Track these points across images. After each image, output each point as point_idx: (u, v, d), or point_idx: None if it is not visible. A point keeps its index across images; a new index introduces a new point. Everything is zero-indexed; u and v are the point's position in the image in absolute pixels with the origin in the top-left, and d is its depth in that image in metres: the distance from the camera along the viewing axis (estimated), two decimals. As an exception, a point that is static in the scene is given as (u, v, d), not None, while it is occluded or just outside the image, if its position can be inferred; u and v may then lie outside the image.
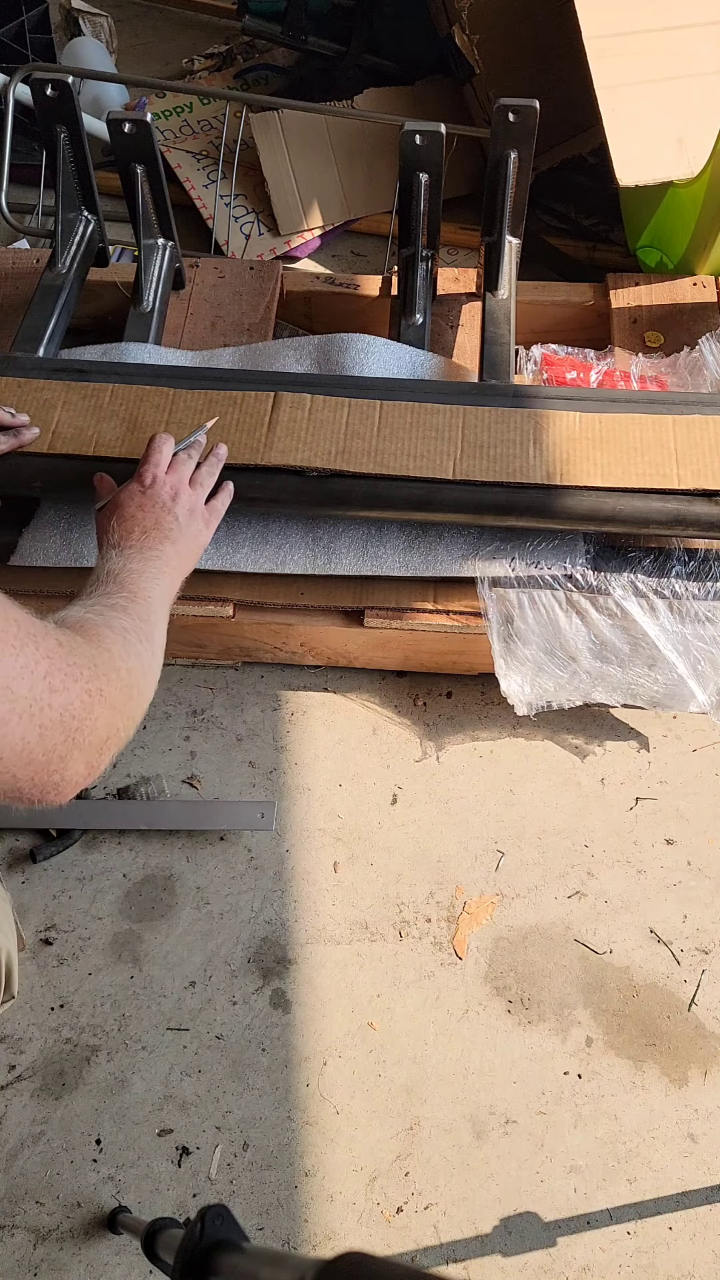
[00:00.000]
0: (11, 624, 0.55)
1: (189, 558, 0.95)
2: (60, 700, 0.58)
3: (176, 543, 0.94)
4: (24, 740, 0.56)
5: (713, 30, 1.39)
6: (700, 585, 1.19)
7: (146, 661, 0.75)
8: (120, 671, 0.67)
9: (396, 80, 1.93)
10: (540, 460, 1.14)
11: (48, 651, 0.58)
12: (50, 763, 0.58)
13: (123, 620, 0.76)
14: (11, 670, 0.54)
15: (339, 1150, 1.12)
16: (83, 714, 0.60)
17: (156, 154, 1.33)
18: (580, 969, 1.22)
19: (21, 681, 0.55)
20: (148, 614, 0.81)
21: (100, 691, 0.63)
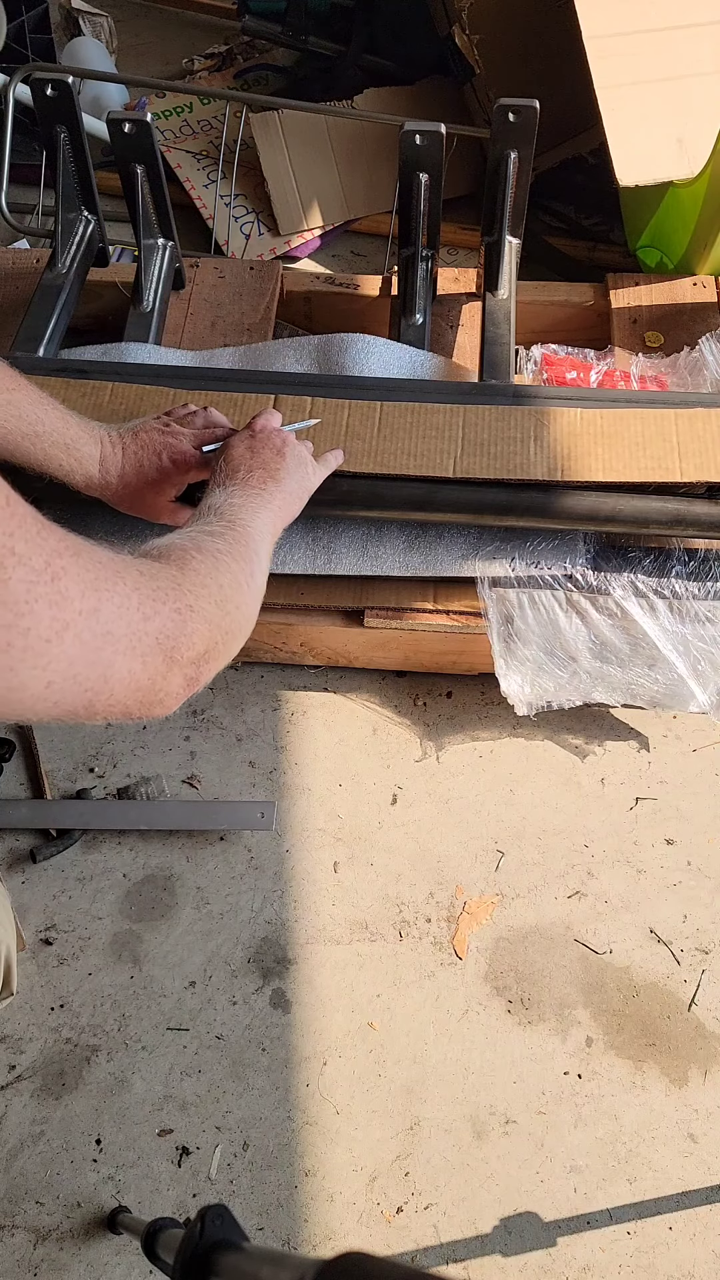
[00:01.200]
0: (96, 565, 0.56)
1: (295, 500, 0.95)
2: (153, 626, 0.60)
3: (282, 483, 0.93)
4: (130, 672, 0.58)
5: (713, 30, 1.39)
6: (700, 585, 1.19)
7: (242, 579, 0.75)
8: (210, 587, 0.69)
9: (396, 80, 1.93)
10: (541, 456, 1.14)
11: (134, 584, 0.60)
12: (154, 683, 0.60)
13: (215, 543, 0.77)
14: (110, 614, 0.55)
15: (339, 1150, 1.12)
16: (176, 633, 0.62)
17: (156, 154, 1.32)
18: (580, 969, 1.22)
19: (119, 621, 0.56)
20: (245, 539, 0.81)
21: (190, 608, 0.64)
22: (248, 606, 0.76)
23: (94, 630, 0.54)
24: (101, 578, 0.56)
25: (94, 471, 1.03)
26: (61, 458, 1.01)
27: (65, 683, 0.52)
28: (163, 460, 1.04)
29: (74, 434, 1.01)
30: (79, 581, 0.53)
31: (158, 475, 1.04)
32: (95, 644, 0.54)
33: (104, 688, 0.56)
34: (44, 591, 0.49)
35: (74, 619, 0.52)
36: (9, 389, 0.95)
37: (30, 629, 0.49)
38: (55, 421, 0.99)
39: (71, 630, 0.52)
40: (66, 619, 0.51)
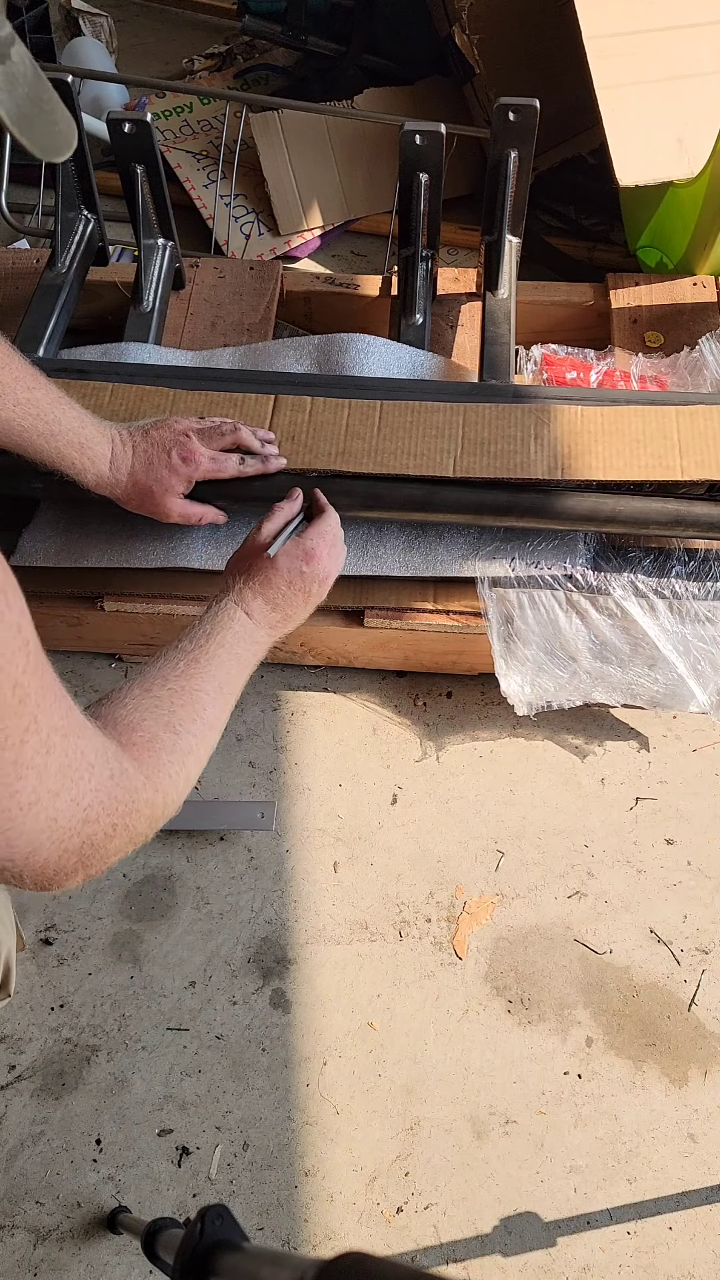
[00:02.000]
0: (78, 753, 0.56)
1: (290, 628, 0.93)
2: (89, 830, 0.59)
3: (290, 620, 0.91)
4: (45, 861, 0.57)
5: (713, 30, 1.39)
6: (700, 585, 1.19)
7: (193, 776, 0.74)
8: (155, 805, 0.68)
9: (396, 80, 1.93)
10: (542, 455, 1.14)
11: (97, 785, 0.59)
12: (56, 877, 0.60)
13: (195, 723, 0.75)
14: (64, 804, 0.56)
15: (339, 1150, 1.12)
16: (103, 843, 0.61)
17: (156, 154, 1.33)
18: (580, 969, 1.22)
19: (67, 814, 0.56)
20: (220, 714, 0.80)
21: (126, 827, 0.63)
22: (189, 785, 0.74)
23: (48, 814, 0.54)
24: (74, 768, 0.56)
25: (104, 470, 1.04)
26: (75, 456, 1.02)
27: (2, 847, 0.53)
28: (171, 458, 1.05)
29: (89, 433, 1.02)
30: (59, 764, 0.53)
31: (166, 472, 1.05)
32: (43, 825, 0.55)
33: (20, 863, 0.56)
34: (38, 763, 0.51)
35: (43, 796, 0.53)
36: (30, 387, 0.96)
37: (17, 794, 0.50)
38: (72, 421, 1.00)
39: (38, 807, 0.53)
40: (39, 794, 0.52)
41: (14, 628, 0.47)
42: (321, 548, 0.92)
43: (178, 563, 1.21)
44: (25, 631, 0.48)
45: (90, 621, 1.30)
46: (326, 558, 0.93)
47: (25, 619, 0.48)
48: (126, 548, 1.21)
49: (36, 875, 0.58)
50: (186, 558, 1.21)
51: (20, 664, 0.47)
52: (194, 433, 1.07)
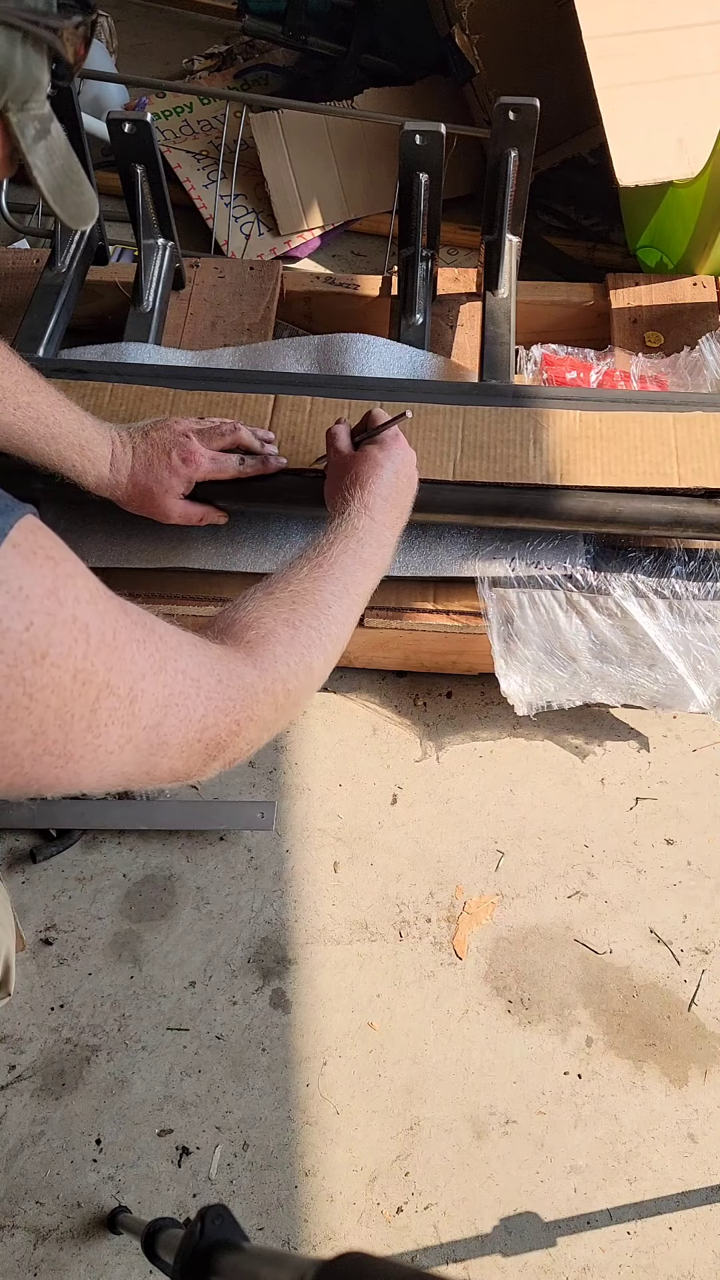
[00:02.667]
0: (177, 677, 0.58)
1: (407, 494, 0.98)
2: (208, 736, 0.62)
3: (404, 511, 0.96)
4: (171, 768, 0.61)
5: (713, 30, 1.39)
6: (700, 585, 1.19)
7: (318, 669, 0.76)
8: (277, 694, 0.69)
9: (396, 80, 1.92)
10: (540, 460, 1.14)
11: (206, 694, 0.61)
12: (190, 772, 0.64)
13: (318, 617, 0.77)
14: (170, 728, 0.58)
15: (339, 1150, 1.12)
16: (227, 741, 0.64)
17: (156, 154, 1.32)
18: (580, 969, 1.22)
19: (177, 734, 0.59)
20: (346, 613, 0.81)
21: (250, 719, 0.66)
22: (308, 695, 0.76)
23: (151, 741, 0.57)
24: (175, 694, 0.58)
25: (105, 471, 1.05)
26: (75, 459, 1.02)
27: (113, 779, 0.57)
28: (172, 458, 1.05)
29: (88, 435, 1.02)
30: (152, 702, 0.56)
31: (167, 473, 1.05)
32: (149, 751, 0.57)
33: (145, 778, 0.60)
34: (121, 715, 0.53)
35: (137, 734, 0.55)
36: (29, 391, 0.97)
37: (101, 745, 0.52)
38: (72, 423, 1.01)
39: (133, 744, 0.55)
40: (131, 734, 0.55)
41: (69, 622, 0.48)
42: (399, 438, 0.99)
43: (178, 563, 1.21)
44: (83, 617, 0.49)
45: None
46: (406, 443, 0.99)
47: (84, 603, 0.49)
48: (126, 548, 1.21)
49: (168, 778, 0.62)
50: (186, 558, 1.21)
51: (79, 652, 0.48)
52: (194, 433, 1.07)
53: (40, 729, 0.48)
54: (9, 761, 0.48)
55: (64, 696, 0.48)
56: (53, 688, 0.47)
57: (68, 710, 0.49)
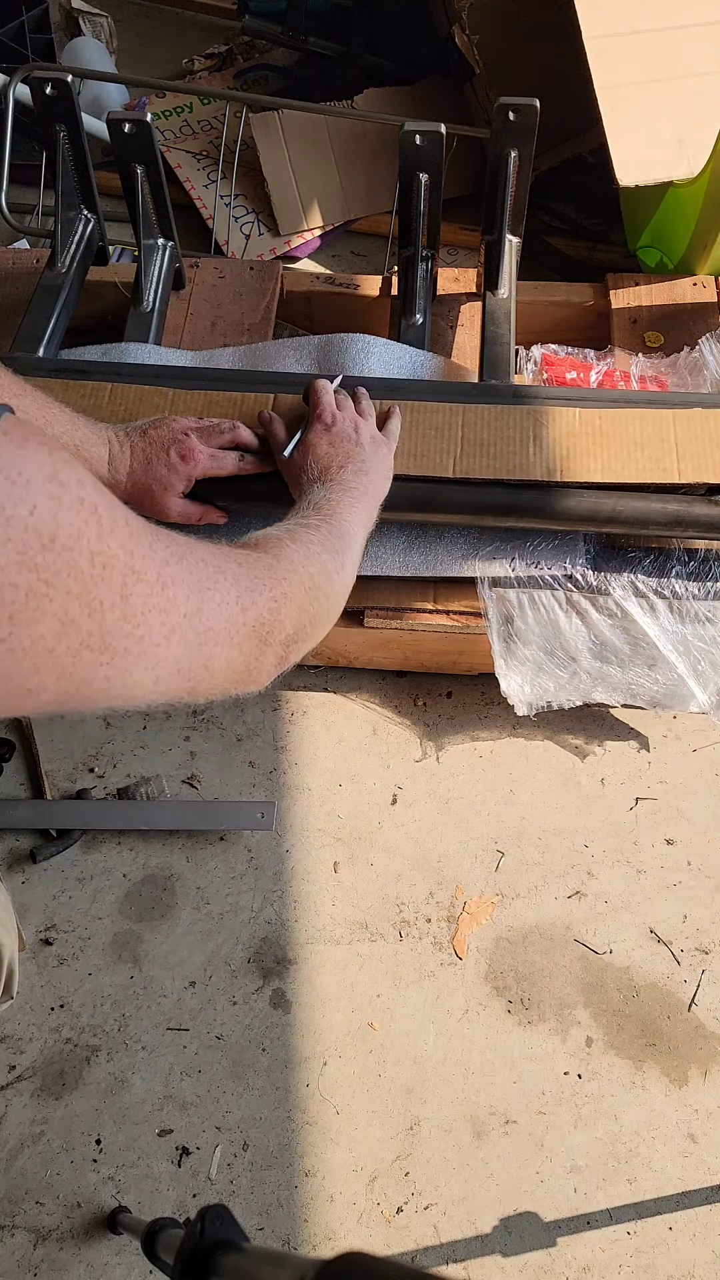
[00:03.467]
0: (199, 566, 0.60)
1: (381, 483, 1.03)
2: (250, 616, 0.65)
3: (369, 473, 1.00)
4: (228, 660, 0.63)
5: (713, 30, 1.39)
6: (700, 585, 1.19)
7: (331, 570, 0.82)
8: (301, 575, 0.75)
9: (396, 80, 1.92)
10: (540, 457, 1.14)
11: (233, 578, 0.65)
12: (249, 665, 0.67)
13: (310, 534, 0.83)
14: (211, 612, 0.60)
15: (339, 1150, 1.12)
16: (270, 619, 0.68)
17: (156, 154, 1.32)
18: (580, 969, 1.22)
19: (219, 617, 0.61)
20: (339, 533, 0.88)
21: (284, 595, 0.71)
22: (334, 596, 0.82)
23: (197, 629, 0.59)
24: (204, 579, 0.60)
25: (103, 471, 1.04)
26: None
27: (171, 677, 0.57)
28: (170, 456, 1.05)
29: (83, 435, 1.02)
30: (184, 586, 0.57)
31: (166, 471, 1.05)
32: (198, 641, 0.59)
33: (205, 675, 0.62)
34: (156, 602, 0.54)
35: (179, 622, 0.56)
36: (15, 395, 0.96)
37: (144, 636, 0.53)
38: (64, 424, 1.00)
39: (178, 633, 0.56)
40: (174, 623, 0.56)
41: (75, 504, 0.47)
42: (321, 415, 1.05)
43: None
44: (90, 500, 0.48)
45: (90, 621, 1.29)
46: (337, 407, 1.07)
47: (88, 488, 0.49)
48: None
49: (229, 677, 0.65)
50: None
51: (92, 534, 0.48)
52: (193, 431, 1.08)
53: (68, 618, 0.47)
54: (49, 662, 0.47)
55: (84, 581, 0.47)
56: (69, 571, 0.46)
57: (93, 596, 0.48)
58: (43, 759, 1.34)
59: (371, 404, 1.14)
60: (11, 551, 0.43)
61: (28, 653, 0.46)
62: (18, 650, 0.45)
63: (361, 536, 0.93)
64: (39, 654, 0.46)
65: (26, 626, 0.45)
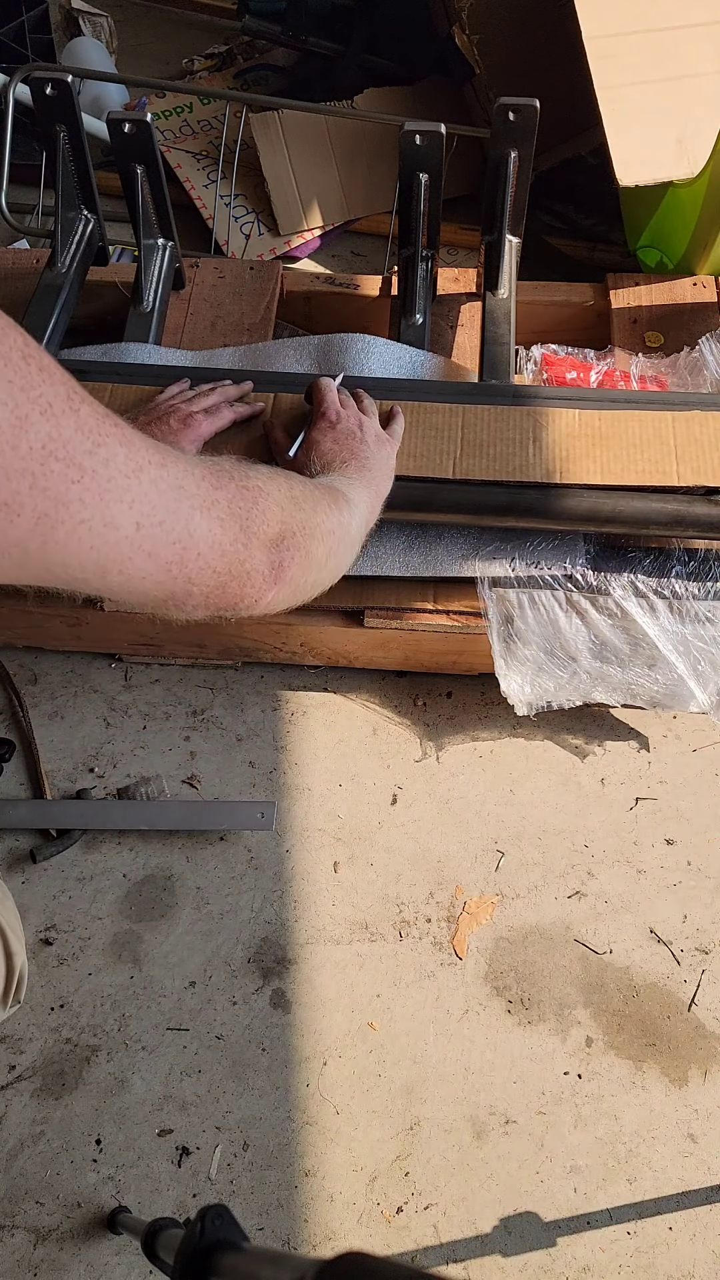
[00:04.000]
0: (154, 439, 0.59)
1: (384, 481, 1.02)
2: (223, 495, 0.64)
3: (373, 469, 1.00)
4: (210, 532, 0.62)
5: (713, 30, 1.39)
6: (700, 585, 1.19)
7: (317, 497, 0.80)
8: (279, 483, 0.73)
9: (396, 80, 1.92)
10: (540, 458, 1.14)
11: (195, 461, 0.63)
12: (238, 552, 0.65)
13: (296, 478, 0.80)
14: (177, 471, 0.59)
15: (339, 1150, 1.12)
16: (248, 506, 0.66)
17: (156, 154, 1.32)
18: (580, 969, 1.22)
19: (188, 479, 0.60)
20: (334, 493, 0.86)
21: (258, 489, 0.69)
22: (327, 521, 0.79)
23: (166, 481, 0.57)
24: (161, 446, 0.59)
25: None
26: None
27: (153, 528, 0.55)
28: (171, 424, 1.07)
29: None
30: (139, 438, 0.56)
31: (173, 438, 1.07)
32: (171, 494, 0.57)
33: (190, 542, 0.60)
34: (112, 431, 0.52)
35: (145, 465, 0.55)
36: None
37: (110, 459, 0.51)
38: None
39: (145, 473, 0.55)
40: (138, 462, 0.54)
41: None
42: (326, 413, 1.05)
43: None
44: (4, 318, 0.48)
45: (90, 622, 1.30)
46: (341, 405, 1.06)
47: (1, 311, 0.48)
48: None
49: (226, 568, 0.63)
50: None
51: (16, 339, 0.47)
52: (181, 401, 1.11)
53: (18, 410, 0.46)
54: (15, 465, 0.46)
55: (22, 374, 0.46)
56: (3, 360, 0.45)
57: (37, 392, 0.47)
58: (43, 759, 1.34)
59: (374, 403, 1.14)
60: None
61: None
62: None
63: (361, 515, 0.91)
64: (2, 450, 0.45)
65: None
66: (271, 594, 0.70)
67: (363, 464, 1.00)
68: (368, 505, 0.95)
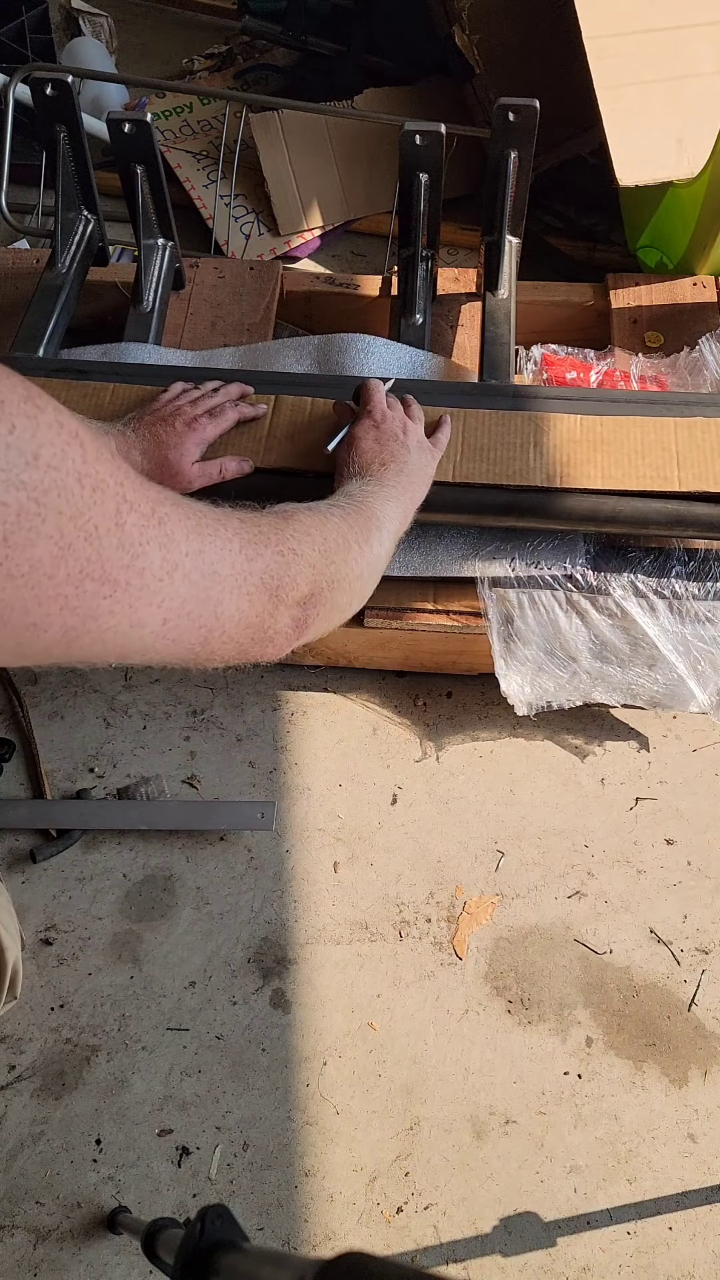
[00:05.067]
0: (197, 514, 0.59)
1: (421, 488, 1.01)
2: (257, 566, 0.64)
3: (410, 474, 0.99)
4: (239, 609, 0.62)
5: (713, 30, 1.39)
6: (700, 585, 1.19)
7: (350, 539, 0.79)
8: (314, 536, 0.73)
9: (396, 80, 1.92)
10: (540, 463, 1.14)
11: (235, 530, 0.63)
12: (263, 620, 0.66)
13: (330, 510, 0.81)
14: (213, 555, 0.59)
15: (339, 1150, 1.12)
16: (280, 573, 0.67)
17: (156, 154, 1.32)
18: (580, 969, 1.22)
19: (223, 561, 0.60)
20: (365, 514, 0.85)
21: (293, 551, 0.69)
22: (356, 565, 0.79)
23: (201, 570, 0.57)
24: (203, 524, 0.59)
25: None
26: None
27: (180, 619, 0.56)
28: (176, 426, 1.07)
29: None
30: (182, 526, 0.56)
31: (176, 440, 1.07)
32: (203, 583, 0.58)
33: (216, 624, 0.60)
34: (154, 534, 0.52)
35: (181, 560, 0.55)
36: None
37: (145, 569, 0.52)
38: None
39: (180, 570, 0.55)
40: (175, 560, 0.54)
41: (54, 426, 0.46)
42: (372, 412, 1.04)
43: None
44: (70, 426, 0.47)
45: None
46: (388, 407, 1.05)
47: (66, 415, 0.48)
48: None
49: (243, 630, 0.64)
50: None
51: (76, 456, 0.47)
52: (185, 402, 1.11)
53: (64, 540, 0.46)
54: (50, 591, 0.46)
55: (75, 503, 0.47)
56: (58, 491, 0.45)
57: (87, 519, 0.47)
58: (43, 759, 1.34)
59: (421, 411, 1.12)
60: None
61: (27, 579, 0.45)
62: (16, 576, 0.44)
63: (392, 531, 0.91)
64: (39, 581, 0.45)
65: (22, 549, 0.44)
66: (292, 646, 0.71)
67: (401, 467, 0.98)
68: (399, 518, 0.94)
